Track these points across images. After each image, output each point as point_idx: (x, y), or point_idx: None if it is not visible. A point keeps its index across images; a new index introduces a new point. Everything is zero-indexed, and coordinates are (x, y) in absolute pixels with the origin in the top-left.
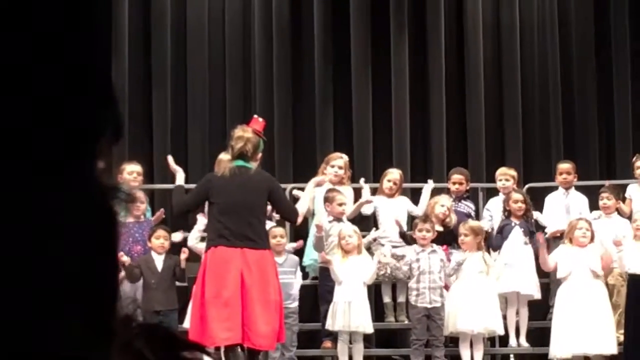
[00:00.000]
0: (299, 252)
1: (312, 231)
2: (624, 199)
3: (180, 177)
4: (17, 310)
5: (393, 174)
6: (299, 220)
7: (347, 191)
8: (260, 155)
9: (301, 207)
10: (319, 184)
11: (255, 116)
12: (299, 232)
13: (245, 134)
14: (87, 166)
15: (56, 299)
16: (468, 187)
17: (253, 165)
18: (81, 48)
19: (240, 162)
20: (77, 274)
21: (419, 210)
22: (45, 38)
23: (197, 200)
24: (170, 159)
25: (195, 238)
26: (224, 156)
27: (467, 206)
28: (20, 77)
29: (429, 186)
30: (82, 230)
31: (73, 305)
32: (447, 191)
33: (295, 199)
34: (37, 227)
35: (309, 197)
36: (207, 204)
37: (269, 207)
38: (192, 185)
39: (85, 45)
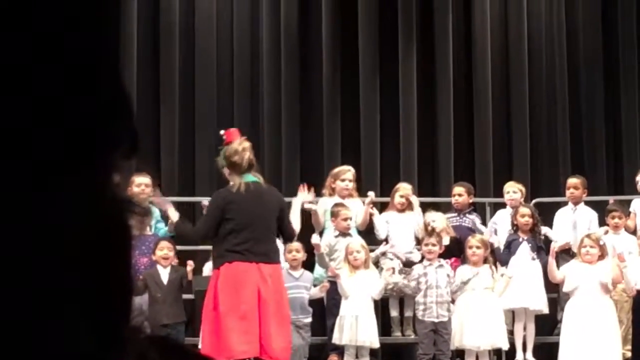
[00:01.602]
0: (310, 266)
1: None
2: (628, 214)
3: (172, 211)
4: (28, 318)
5: (405, 190)
6: (294, 239)
7: (356, 204)
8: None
9: (296, 225)
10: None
11: (221, 132)
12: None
13: (241, 145)
14: (103, 178)
15: (68, 307)
16: (471, 201)
17: (260, 178)
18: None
19: (250, 178)
20: (89, 283)
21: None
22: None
23: (216, 222)
24: (157, 197)
25: None
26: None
27: (472, 220)
28: (23, 81)
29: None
30: (94, 234)
31: (85, 314)
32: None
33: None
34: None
35: (298, 216)
36: None
37: None
38: (195, 198)
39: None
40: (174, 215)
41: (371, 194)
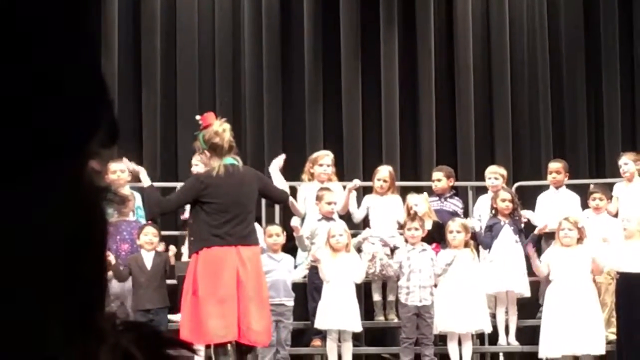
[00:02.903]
0: (293, 250)
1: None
2: (610, 198)
3: (145, 176)
4: None
5: (382, 172)
6: (289, 198)
7: (337, 187)
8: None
9: (284, 187)
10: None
11: (198, 117)
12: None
13: (221, 126)
14: (80, 166)
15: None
16: (452, 184)
17: (239, 160)
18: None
19: (230, 160)
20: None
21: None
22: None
23: (186, 200)
24: (126, 161)
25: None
26: (200, 158)
27: (453, 204)
28: None
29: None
30: (68, 228)
31: (55, 305)
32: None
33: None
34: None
35: (281, 179)
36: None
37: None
38: (173, 184)
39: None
40: (145, 180)
41: (356, 181)
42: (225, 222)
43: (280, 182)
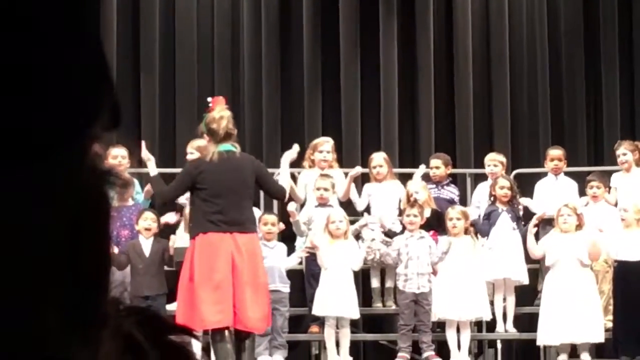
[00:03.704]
0: (291, 236)
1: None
2: (609, 187)
3: (152, 166)
4: None
5: (376, 159)
6: (286, 197)
7: (337, 174)
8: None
9: (285, 184)
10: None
11: (209, 99)
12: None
13: (226, 113)
14: (83, 149)
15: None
16: (449, 172)
17: (237, 147)
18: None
19: (226, 147)
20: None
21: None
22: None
23: (184, 188)
24: (143, 145)
25: None
26: (202, 142)
27: (450, 192)
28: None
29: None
30: (70, 212)
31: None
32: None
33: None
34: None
35: (286, 173)
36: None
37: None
38: (173, 170)
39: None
40: (153, 169)
41: (358, 168)
42: (219, 208)
43: (284, 177)
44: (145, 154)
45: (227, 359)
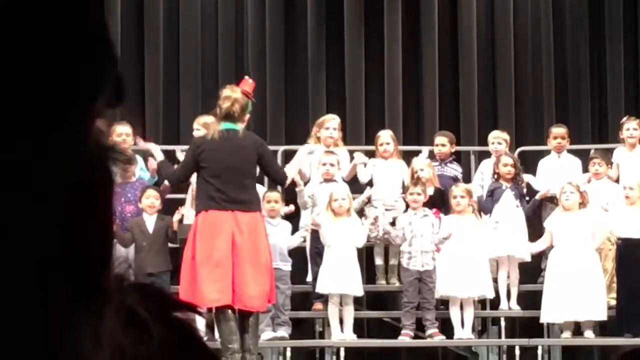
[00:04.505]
0: (294, 215)
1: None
2: (611, 163)
3: (157, 152)
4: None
5: (384, 136)
6: (287, 183)
7: (342, 152)
8: (248, 117)
9: (290, 171)
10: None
11: (246, 77)
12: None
13: (233, 94)
14: (86, 125)
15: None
16: (453, 150)
17: (240, 126)
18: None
19: (228, 125)
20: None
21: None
22: None
23: (189, 168)
24: (140, 141)
25: None
26: (209, 119)
27: (454, 169)
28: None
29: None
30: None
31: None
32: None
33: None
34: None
35: (298, 163)
36: None
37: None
38: (174, 147)
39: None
40: (159, 155)
41: (363, 157)
42: (220, 186)
43: (293, 165)
44: (143, 146)
45: (230, 336)
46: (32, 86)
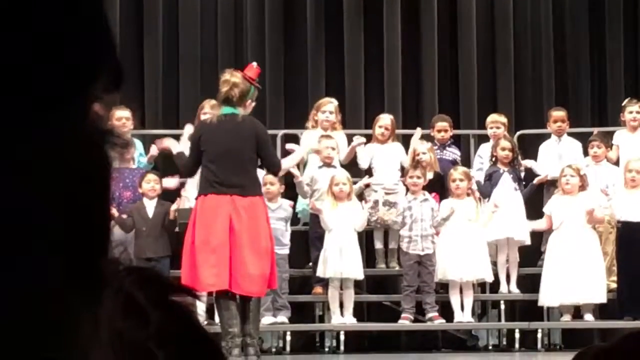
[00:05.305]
0: (293, 198)
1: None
2: (611, 146)
3: (174, 145)
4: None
5: (384, 120)
6: (280, 174)
7: (339, 136)
8: (250, 102)
9: (286, 162)
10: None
11: (253, 63)
12: (290, 181)
13: (232, 78)
14: (84, 109)
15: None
16: (451, 134)
17: (241, 111)
18: None
19: (228, 110)
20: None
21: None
22: None
23: (196, 155)
24: (155, 147)
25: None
26: (210, 102)
27: (452, 153)
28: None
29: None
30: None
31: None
32: (431, 139)
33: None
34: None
35: (298, 156)
36: None
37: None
38: (174, 131)
39: None
40: (175, 147)
41: (361, 139)
42: (218, 171)
43: (292, 157)
44: (162, 147)
45: (230, 320)
46: (30, 71)
